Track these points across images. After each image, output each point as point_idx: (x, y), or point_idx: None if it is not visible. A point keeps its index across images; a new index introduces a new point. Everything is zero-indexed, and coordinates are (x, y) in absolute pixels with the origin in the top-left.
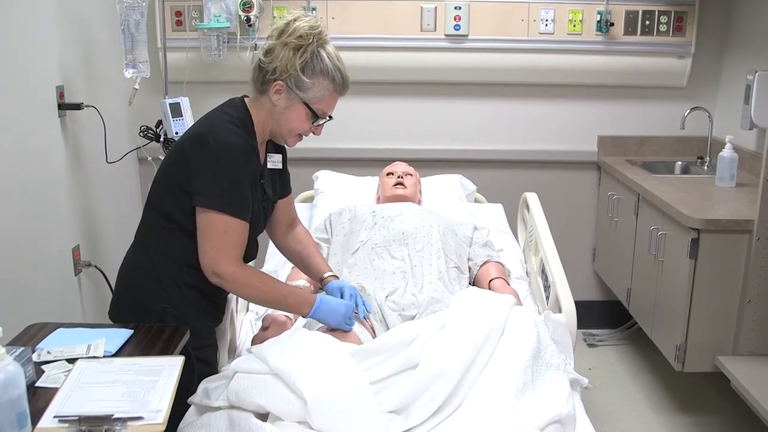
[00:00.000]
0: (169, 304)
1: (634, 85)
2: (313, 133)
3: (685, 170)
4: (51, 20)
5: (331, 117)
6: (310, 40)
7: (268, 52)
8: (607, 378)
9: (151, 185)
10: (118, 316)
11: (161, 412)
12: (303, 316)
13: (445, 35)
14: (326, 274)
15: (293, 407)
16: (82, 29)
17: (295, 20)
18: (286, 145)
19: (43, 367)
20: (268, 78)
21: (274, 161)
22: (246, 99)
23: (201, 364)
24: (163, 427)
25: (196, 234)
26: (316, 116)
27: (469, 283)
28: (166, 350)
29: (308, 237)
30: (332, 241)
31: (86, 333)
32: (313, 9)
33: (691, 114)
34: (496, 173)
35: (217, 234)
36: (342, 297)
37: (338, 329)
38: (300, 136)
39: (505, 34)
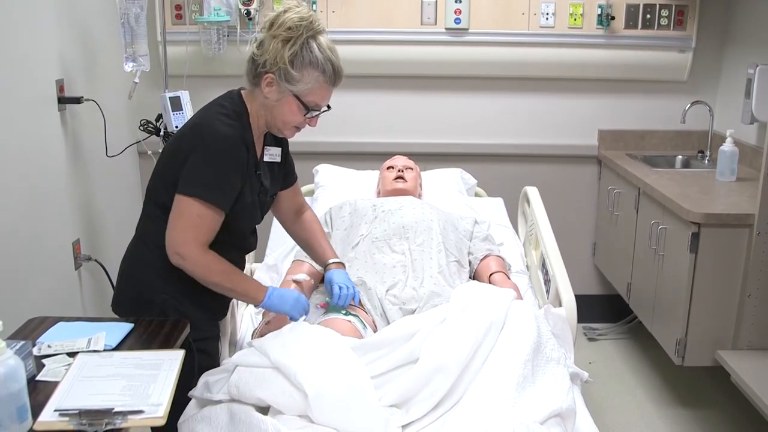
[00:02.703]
0: (169, 295)
1: (634, 79)
2: (309, 125)
3: (686, 164)
4: (51, 14)
5: (329, 107)
6: (300, 32)
7: (259, 44)
8: (607, 372)
9: (150, 179)
10: (120, 309)
11: (162, 406)
12: (256, 306)
13: (446, 29)
14: (330, 261)
15: (294, 401)
16: (82, 23)
17: (285, 12)
18: (284, 137)
19: (44, 360)
20: (260, 71)
21: (272, 154)
22: (243, 91)
23: (202, 356)
24: (164, 421)
25: None
26: (308, 108)
27: (470, 277)
28: (166, 344)
29: (315, 223)
30: (333, 235)
31: (86, 327)
32: (314, 3)
33: (692, 108)
34: (497, 167)
35: (190, 217)
36: (332, 289)
37: (331, 322)
38: (296, 128)
39: (506, 27)
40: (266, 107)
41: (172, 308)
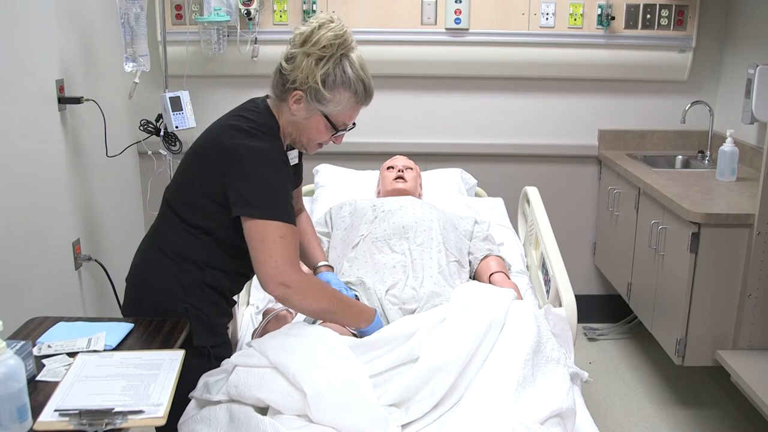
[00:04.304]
0: (190, 304)
1: (634, 78)
2: (334, 142)
3: (686, 164)
4: (51, 14)
5: (354, 124)
6: (334, 50)
7: (289, 59)
8: (608, 372)
9: (170, 187)
10: (135, 316)
11: (161, 406)
12: (358, 329)
13: (446, 29)
14: (319, 264)
15: (293, 400)
16: (82, 23)
17: (319, 28)
18: (304, 152)
19: (44, 360)
20: (288, 87)
21: (291, 158)
22: (269, 100)
23: (218, 362)
24: (164, 421)
25: (229, 242)
26: (336, 129)
27: (470, 277)
28: (166, 344)
29: (309, 224)
30: (333, 235)
31: (87, 327)
32: (314, 3)
33: (692, 108)
34: (497, 167)
35: (274, 241)
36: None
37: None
38: (320, 145)
39: (506, 27)
40: (292, 124)
41: (195, 317)
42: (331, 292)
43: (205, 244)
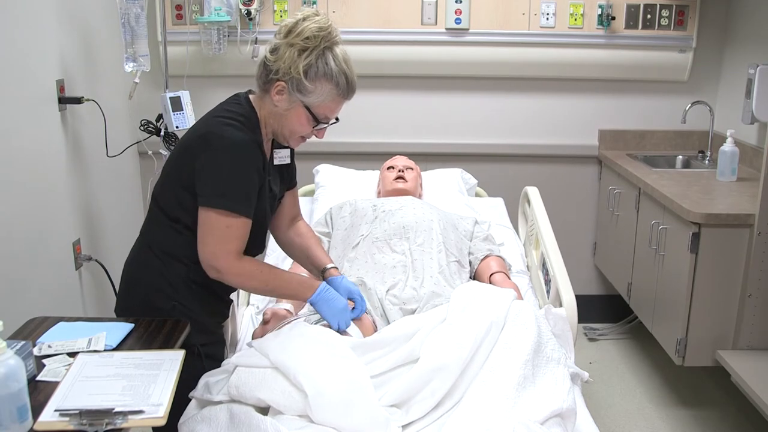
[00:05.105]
0: (178, 302)
1: (635, 79)
2: (316, 136)
3: (686, 164)
4: (51, 14)
5: (337, 119)
6: (317, 42)
7: (273, 50)
8: (608, 372)
9: (157, 183)
10: (126, 315)
11: (162, 406)
12: (304, 301)
13: (446, 29)
14: (328, 266)
15: (294, 401)
16: (82, 23)
17: (304, 20)
18: (288, 146)
19: (44, 360)
20: (271, 77)
21: (281, 156)
22: (251, 95)
23: (209, 361)
24: (164, 421)
25: None
26: (318, 120)
27: (470, 278)
28: (166, 344)
29: (309, 230)
30: (333, 235)
31: (87, 327)
32: (314, 3)
33: (692, 108)
34: (497, 167)
35: (218, 228)
36: (351, 299)
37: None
38: (302, 138)
39: (506, 27)
40: (274, 115)
41: (182, 315)
42: (265, 272)
43: (188, 240)
